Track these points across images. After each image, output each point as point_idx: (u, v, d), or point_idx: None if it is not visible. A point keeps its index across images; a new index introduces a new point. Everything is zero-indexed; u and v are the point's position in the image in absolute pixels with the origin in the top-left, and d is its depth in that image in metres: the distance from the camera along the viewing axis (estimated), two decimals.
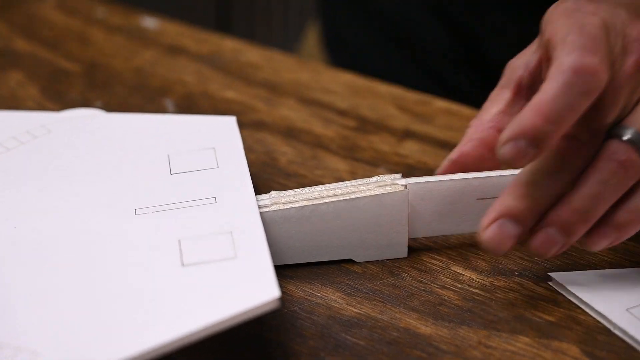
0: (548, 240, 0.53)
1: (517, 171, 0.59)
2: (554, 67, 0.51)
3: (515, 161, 0.51)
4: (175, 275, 0.51)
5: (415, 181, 0.58)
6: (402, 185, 0.58)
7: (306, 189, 0.58)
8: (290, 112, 0.75)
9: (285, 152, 0.70)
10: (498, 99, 0.60)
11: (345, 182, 0.58)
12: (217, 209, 0.56)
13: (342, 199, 0.57)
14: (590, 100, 0.51)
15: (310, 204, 0.57)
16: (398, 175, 0.59)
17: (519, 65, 0.59)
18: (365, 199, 0.57)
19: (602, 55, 0.51)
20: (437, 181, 0.58)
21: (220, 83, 0.79)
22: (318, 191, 0.58)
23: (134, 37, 0.85)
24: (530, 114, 0.51)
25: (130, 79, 0.80)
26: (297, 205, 0.57)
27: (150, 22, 0.87)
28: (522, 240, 0.54)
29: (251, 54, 0.83)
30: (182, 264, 0.52)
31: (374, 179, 0.58)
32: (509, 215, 0.53)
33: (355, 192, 0.58)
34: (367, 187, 0.58)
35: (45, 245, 0.54)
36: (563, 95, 0.50)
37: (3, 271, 0.52)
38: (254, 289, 0.50)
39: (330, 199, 0.57)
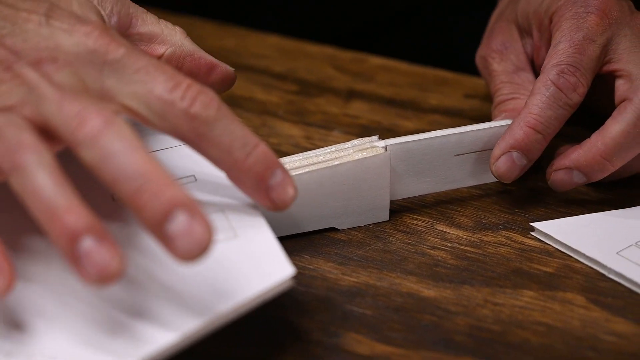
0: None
1: (496, 124, 0.58)
2: (540, 81, 0.57)
3: (509, 173, 0.57)
4: (176, 264, 0.48)
5: (394, 142, 0.57)
6: (382, 147, 0.56)
7: (283, 159, 0.56)
8: None
9: None
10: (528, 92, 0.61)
11: (322, 149, 0.57)
12: (200, 188, 0.53)
13: (324, 166, 0.55)
14: (574, 109, 0.57)
15: (293, 174, 0.55)
16: (375, 137, 0.57)
17: (512, 52, 0.63)
18: (348, 165, 0.56)
19: (582, 69, 0.57)
20: (416, 140, 0.57)
21: None
22: (296, 160, 0.56)
23: None
24: (519, 128, 0.56)
25: None
26: None
27: None
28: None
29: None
30: None
31: (350, 143, 0.57)
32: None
33: (336, 158, 0.56)
34: (346, 152, 0.56)
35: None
36: (548, 108, 0.56)
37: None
38: (266, 268, 0.48)
39: (313, 167, 0.55)
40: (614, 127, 0.56)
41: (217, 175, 0.53)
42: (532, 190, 0.61)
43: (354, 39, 0.90)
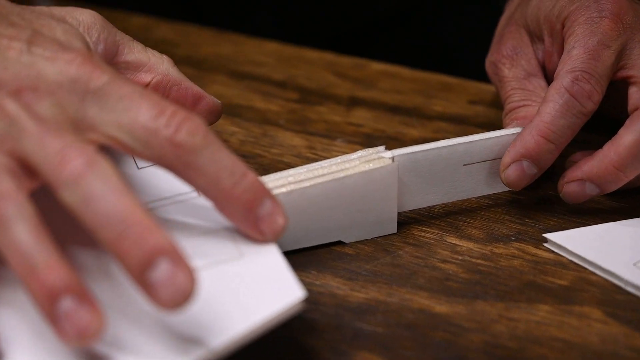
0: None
1: (506, 132, 0.57)
2: (553, 88, 0.55)
3: (519, 181, 0.55)
4: None
5: (401, 152, 0.55)
6: (389, 157, 0.55)
7: (288, 172, 0.54)
8: (225, 89, 0.70)
9: (234, 132, 0.66)
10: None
11: (328, 161, 0.55)
12: (200, 202, 0.51)
13: (330, 178, 0.53)
14: (588, 118, 0.55)
15: (298, 187, 0.53)
16: (381, 148, 0.55)
17: (524, 58, 0.61)
18: (355, 177, 0.54)
19: (597, 76, 0.55)
20: (423, 150, 0.55)
21: None
22: (302, 173, 0.54)
23: None
24: (531, 136, 0.54)
25: None
26: (284, 190, 0.53)
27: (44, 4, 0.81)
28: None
29: (163, 30, 0.78)
30: None
31: (356, 153, 0.55)
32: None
33: (342, 170, 0.54)
34: (352, 163, 0.54)
35: None
36: (562, 117, 0.54)
37: None
38: (274, 291, 0.46)
39: (317, 180, 0.53)
40: (627, 137, 0.54)
41: None
42: (543, 199, 0.59)
43: (354, 40, 0.89)
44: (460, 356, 0.48)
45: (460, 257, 0.55)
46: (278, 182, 0.53)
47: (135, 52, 0.54)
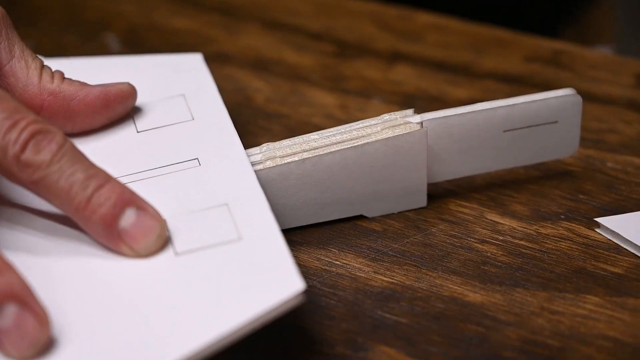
0: None
1: (552, 94, 0.50)
2: None
3: None
4: (170, 271, 0.41)
5: (431, 117, 0.48)
6: (417, 123, 0.48)
7: (303, 137, 0.48)
8: (255, 40, 0.65)
9: (260, 88, 0.60)
10: None
11: (349, 125, 0.49)
12: (203, 173, 0.46)
13: (349, 146, 0.47)
14: None
15: (312, 155, 0.47)
16: (409, 111, 0.49)
17: None
18: (377, 144, 0.48)
19: None
20: (457, 114, 0.49)
21: (166, 10, 0.68)
22: (318, 139, 0.48)
23: None
24: None
25: (59, 13, 0.68)
26: (296, 158, 0.47)
27: None
28: None
29: None
30: (176, 253, 0.42)
31: (381, 117, 0.49)
32: None
33: (363, 136, 0.48)
34: (375, 128, 0.48)
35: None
36: None
37: None
38: (271, 282, 0.40)
39: (335, 147, 0.47)
40: None
41: (225, 159, 0.46)
42: (599, 171, 0.52)
43: None
44: (493, 355, 0.42)
45: (501, 238, 0.48)
46: (292, 149, 0.47)
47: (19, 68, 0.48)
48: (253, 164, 0.47)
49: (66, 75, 0.50)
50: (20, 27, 0.64)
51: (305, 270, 0.46)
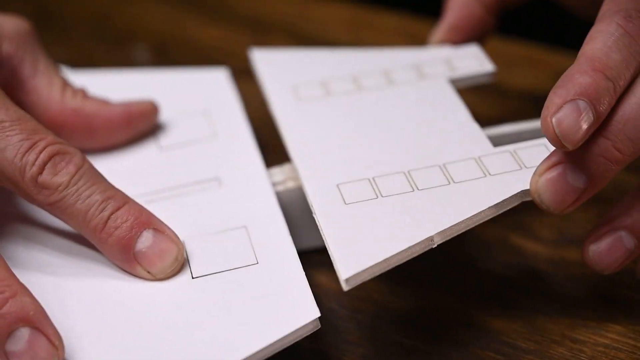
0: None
1: None
2: (601, 25, 0.43)
3: (575, 126, 0.40)
4: (185, 295, 0.40)
5: None
6: None
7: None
8: None
9: None
10: None
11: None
12: (223, 193, 0.45)
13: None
14: None
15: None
16: None
17: None
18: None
19: None
20: None
21: (196, 21, 0.68)
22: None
23: None
24: (584, 71, 0.41)
25: (90, 23, 0.68)
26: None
27: None
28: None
29: None
30: (192, 276, 0.41)
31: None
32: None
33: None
34: None
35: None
36: (617, 51, 0.42)
37: None
38: (287, 309, 0.40)
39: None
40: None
41: (246, 179, 0.46)
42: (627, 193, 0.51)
43: None
44: None
45: (523, 262, 0.48)
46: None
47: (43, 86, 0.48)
48: (274, 184, 0.47)
49: (91, 90, 0.50)
50: (49, 37, 0.64)
51: (324, 293, 0.46)
